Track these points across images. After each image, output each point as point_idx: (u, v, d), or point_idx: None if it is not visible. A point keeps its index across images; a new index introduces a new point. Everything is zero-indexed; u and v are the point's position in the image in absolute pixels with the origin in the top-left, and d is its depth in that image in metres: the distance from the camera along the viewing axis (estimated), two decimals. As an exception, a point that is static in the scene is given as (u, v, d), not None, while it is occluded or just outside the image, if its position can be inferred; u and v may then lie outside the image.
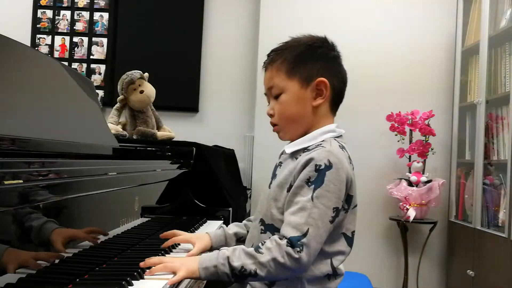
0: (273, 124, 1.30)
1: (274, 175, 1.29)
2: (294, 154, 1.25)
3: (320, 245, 1.14)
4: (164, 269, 1.10)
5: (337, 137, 1.26)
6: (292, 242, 1.10)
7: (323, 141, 1.22)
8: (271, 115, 1.29)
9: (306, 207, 1.13)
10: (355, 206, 1.23)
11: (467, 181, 3.15)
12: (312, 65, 1.24)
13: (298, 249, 1.09)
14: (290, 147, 1.27)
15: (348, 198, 1.20)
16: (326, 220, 1.13)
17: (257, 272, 1.10)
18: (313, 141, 1.23)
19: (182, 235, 1.39)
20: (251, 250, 1.12)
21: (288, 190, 1.19)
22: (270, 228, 1.22)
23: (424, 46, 3.44)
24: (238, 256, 1.11)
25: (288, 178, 1.21)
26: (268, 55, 1.30)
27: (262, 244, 1.13)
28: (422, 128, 3.22)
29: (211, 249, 1.36)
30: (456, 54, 3.35)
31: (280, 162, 1.30)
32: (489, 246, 2.73)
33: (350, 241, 1.24)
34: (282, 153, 1.31)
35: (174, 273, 1.09)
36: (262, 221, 1.26)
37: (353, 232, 1.24)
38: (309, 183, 1.15)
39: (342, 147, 1.23)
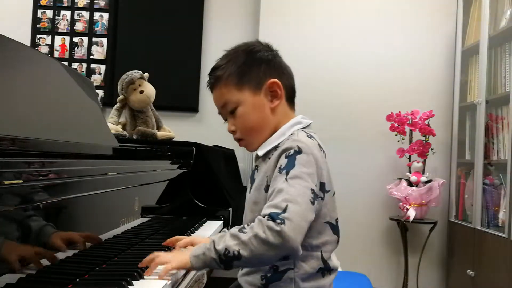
0: (238, 139, 1.29)
1: (252, 180, 1.28)
2: (267, 155, 1.23)
3: (305, 222, 1.09)
4: (157, 264, 1.09)
5: (305, 127, 1.26)
6: (273, 217, 1.06)
7: (291, 134, 1.22)
8: (233, 132, 1.28)
9: (282, 187, 1.10)
10: (334, 193, 1.22)
11: (467, 181, 3.15)
12: (257, 70, 1.25)
13: (279, 221, 1.05)
14: (261, 149, 1.25)
15: (321, 186, 1.18)
16: (307, 199, 1.10)
17: (240, 252, 1.05)
18: (282, 137, 1.23)
19: (185, 238, 1.37)
20: (236, 231, 1.10)
21: (266, 190, 1.18)
22: None
23: (424, 46, 3.44)
24: (223, 239, 1.08)
25: (263, 178, 1.20)
26: (210, 75, 1.30)
27: (248, 225, 1.10)
28: (422, 128, 3.22)
29: None
30: (456, 54, 3.35)
31: (256, 166, 1.29)
32: (489, 246, 2.73)
33: (335, 229, 1.22)
34: (256, 157, 1.29)
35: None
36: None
37: (337, 220, 1.23)
38: (281, 170, 1.13)
39: (310, 136, 1.22)
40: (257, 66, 1.25)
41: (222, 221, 2.05)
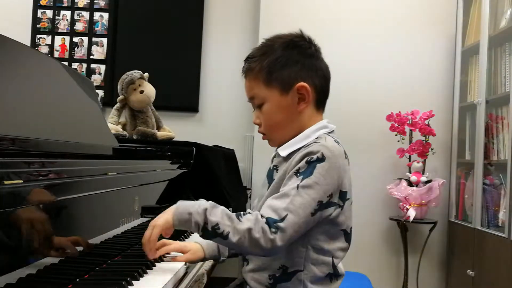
0: (261, 133, 1.28)
1: (271, 180, 1.26)
2: (290, 156, 1.21)
3: (297, 234, 1.11)
4: (148, 234, 1.13)
5: (330, 132, 1.24)
6: (269, 222, 1.08)
7: (317, 138, 1.20)
8: (258, 124, 1.26)
9: (289, 193, 1.11)
10: (351, 202, 1.22)
11: (467, 181, 3.15)
12: (290, 70, 1.21)
13: (273, 230, 1.07)
14: (284, 150, 1.23)
15: (342, 194, 1.18)
16: (308, 212, 1.11)
17: (229, 235, 1.08)
18: (307, 140, 1.21)
19: (172, 244, 1.32)
20: (232, 213, 1.11)
21: None
22: None
23: (424, 46, 3.44)
24: (216, 213, 1.10)
25: (283, 177, 1.19)
26: (245, 62, 1.27)
27: (244, 214, 1.11)
28: (422, 128, 3.22)
29: (203, 259, 1.33)
30: (456, 54, 3.35)
31: (275, 166, 1.26)
32: (489, 246, 2.73)
33: (348, 237, 1.23)
34: (275, 156, 1.28)
35: (154, 228, 1.13)
36: None
37: (351, 228, 1.24)
38: (298, 174, 1.13)
39: (337, 142, 1.21)
40: (290, 65, 1.21)
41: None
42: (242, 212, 1.12)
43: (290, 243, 1.12)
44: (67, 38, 3.78)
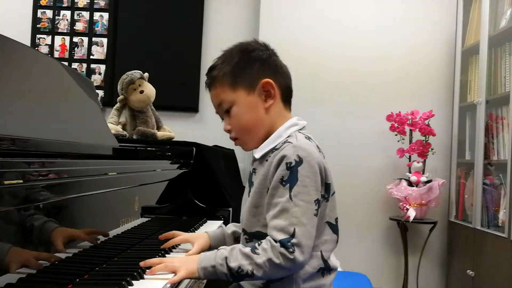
0: (234, 139, 1.31)
1: (251, 183, 1.28)
2: (264, 157, 1.24)
3: (311, 241, 1.14)
4: (165, 269, 1.11)
5: (301, 129, 1.26)
6: (284, 244, 1.10)
7: (288, 136, 1.22)
8: (229, 131, 1.30)
9: (287, 207, 1.13)
10: (334, 193, 1.24)
11: (467, 181, 3.15)
12: (251, 70, 1.25)
13: (291, 249, 1.10)
14: (258, 152, 1.26)
15: (327, 186, 1.20)
16: (310, 215, 1.13)
17: (253, 272, 1.10)
18: (279, 139, 1.23)
19: (181, 235, 1.40)
20: (248, 250, 1.13)
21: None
22: (255, 235, 1.22)
23: (424, 46, 3.44)
24: (235, 257, 1.12)
25: (264, 182, 1.20)
26: (207, 74, 1.31)
27: (259, 245, 1.13)
28: (422, 128, 3.22)
29: (210, 248, 1.36)
30: (456, 54, 3.35)
31: (254, 169, 1.29)
32: (489, 246, 2.73)
33: (335, 228, 1.24)
34: (253, 160, 1.30)
35: (175, 273, 1.10)
36: (244, 231, 1.27)
37: (336, 219, 1.25)
38: (283, 183, 1.14)
39: (309, 138, 1.23)
40: (251, 65, 1.26)
41: (222, 221, 2.05)
42: (256, 244, 1.14)
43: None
44: (67, 38, 3.78)
